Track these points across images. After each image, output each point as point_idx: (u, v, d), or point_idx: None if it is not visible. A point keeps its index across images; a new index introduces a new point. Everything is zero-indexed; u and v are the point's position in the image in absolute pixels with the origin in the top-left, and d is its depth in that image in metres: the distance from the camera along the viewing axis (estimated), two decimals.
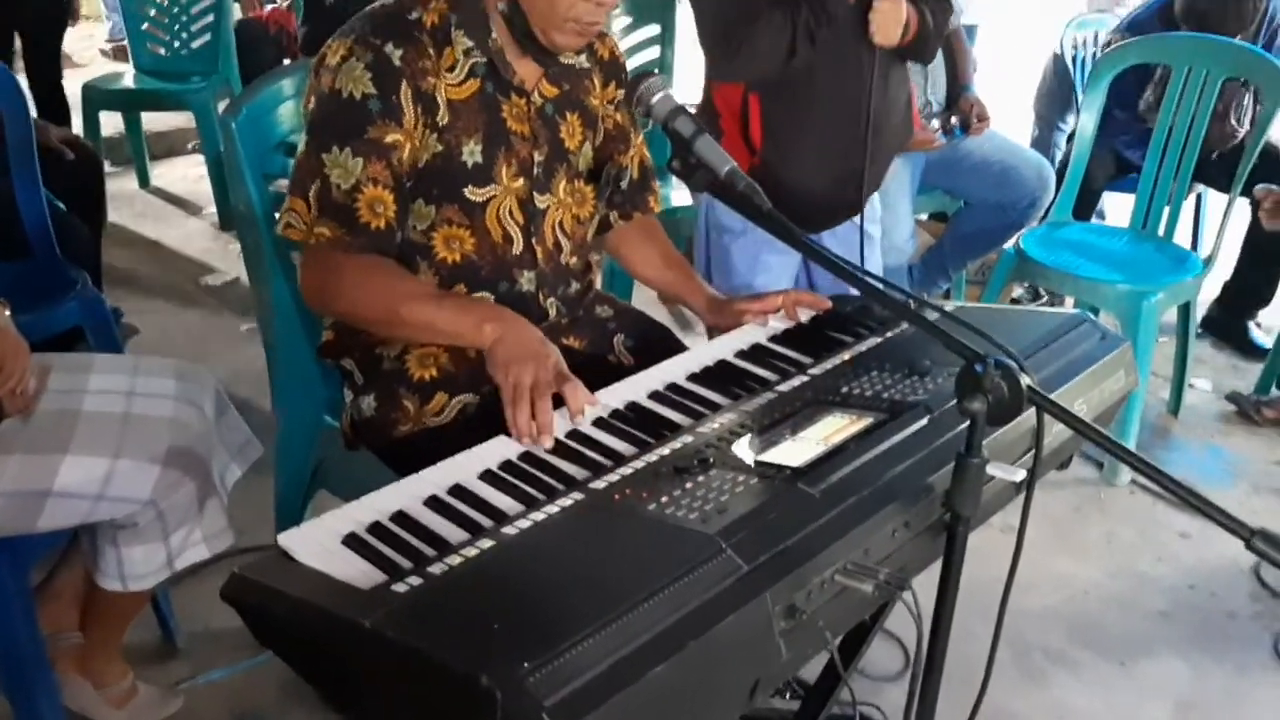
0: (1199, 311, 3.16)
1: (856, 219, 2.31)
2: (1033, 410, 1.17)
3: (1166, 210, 2.95)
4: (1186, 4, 3.17)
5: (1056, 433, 1.41)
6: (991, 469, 1.24)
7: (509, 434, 1.33)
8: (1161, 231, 2.96)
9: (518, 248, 1.61)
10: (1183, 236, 3.23)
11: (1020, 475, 1.25)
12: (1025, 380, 1.19)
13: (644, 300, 2.64)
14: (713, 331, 1.80)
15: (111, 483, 1.60)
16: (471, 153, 1.54)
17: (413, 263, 1.58)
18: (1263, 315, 3.54)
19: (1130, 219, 3.01)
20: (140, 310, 3.44)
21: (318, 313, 1.70)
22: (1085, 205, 3.29)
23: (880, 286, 1.34)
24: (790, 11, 2.04)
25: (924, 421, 1.32)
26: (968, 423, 1.17)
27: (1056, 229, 3.01)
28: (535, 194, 1.60)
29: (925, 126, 2.97)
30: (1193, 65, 2.87)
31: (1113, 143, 3.32)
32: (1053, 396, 1.39)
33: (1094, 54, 3.71)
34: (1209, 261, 2.84)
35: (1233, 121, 3.17)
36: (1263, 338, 3.47)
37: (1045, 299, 3.53)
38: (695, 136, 1.40)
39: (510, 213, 1.59)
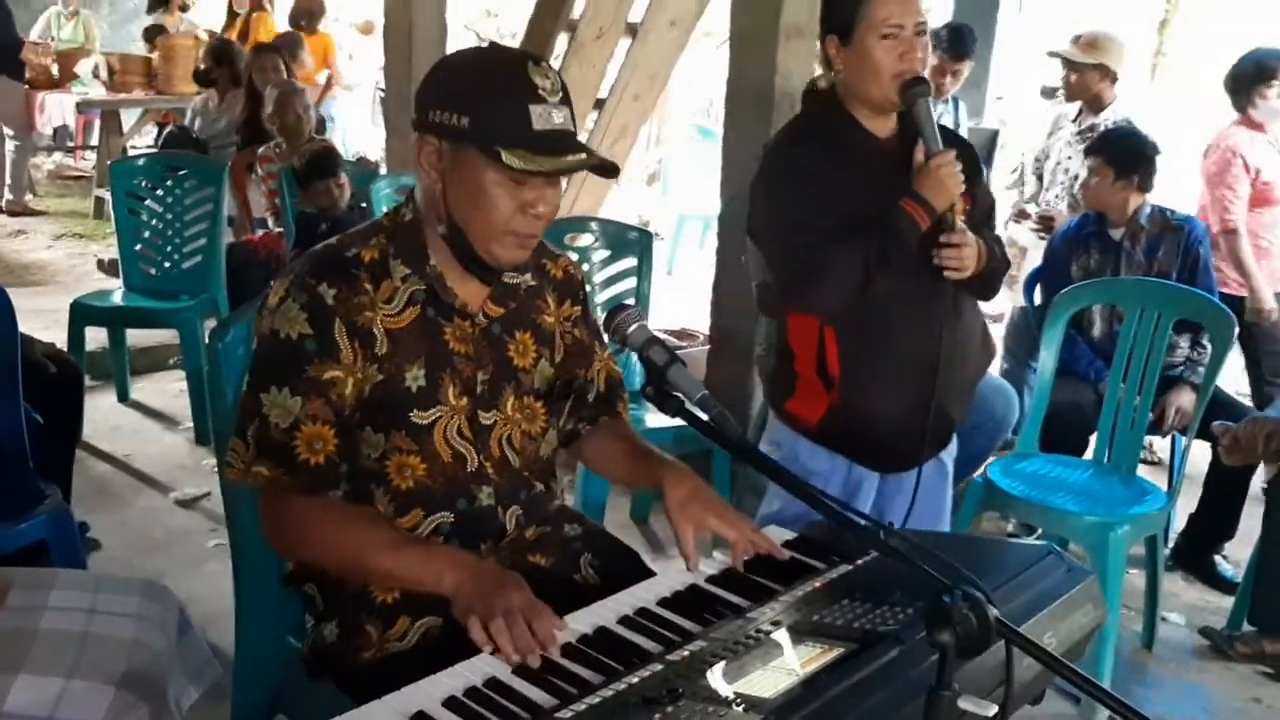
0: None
1: (942, 455, 2.33)
2: (1004, 643, 1.18)
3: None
4: None
5: (1027, 666, 1.40)
6: (963, 703, 1.23)
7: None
8: (1105, 458, 3.04)
9: (471, 465, 1.63)
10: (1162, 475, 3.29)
11: (992, 710, 1.24)
12: (993, 612, 1.21)
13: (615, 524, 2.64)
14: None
15: (63, 704, 1.55)
16: (415, 378, 1.58)
17: (368, 490, 1.60)
18: (1229, 548, 3.57)
19: (1094, 452, 3.08)
20: (108, 524, 3.41)
21: (280, 553, 1.69)
22: (1076, 441, 3.34)
23: (850, 515, 1.37)
24: (864, 243, 2.08)
25: (895, 653, 1.32)
26: (937, 655, 1.18)
27: (1020, 460, 3.07)
28: (480, 411, 1.63)
29: None
30: (1145, 307, 3.01)
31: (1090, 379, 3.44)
32: (1021, 629, 1.41)
33: None
34: (1172, 495, 2.89)
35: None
36: (1230, 570, 3.49)
37: (1039, 532, 3.54)
38: (668, 365, 1.46)
39: (459, 431, 1.61)
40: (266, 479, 1.52)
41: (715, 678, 1.27)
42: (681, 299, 5.51)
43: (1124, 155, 3.52)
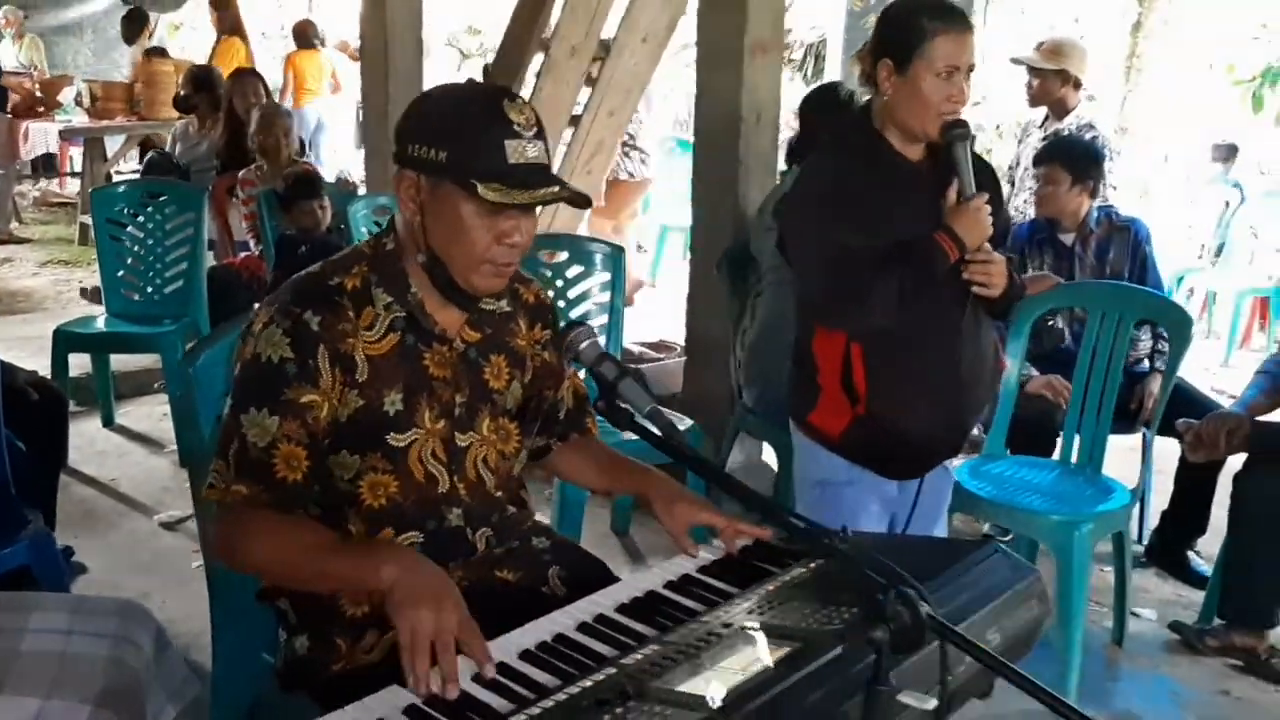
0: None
1: (947, 462, 2.43)
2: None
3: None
4: None
5: (971, 662, 1.45)
6: (904, 697, 1.28)
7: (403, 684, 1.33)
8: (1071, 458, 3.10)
9: (443, 486, 1.68)
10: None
11: (931, 704, 1.30)
12: (925, 609, 1.26)
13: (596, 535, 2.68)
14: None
15: None
16: (393, 402, 1.63)
17: (341, 513, 1.65)
18: (1202, 544, 3.62)
19: (1060, 452, 3.14)
20: (94, 547, 3.45)
21: (230, 569, 1.73)
22: (1044, 443, 3.39)
23: (791, 518, 1.42)
24: (899, 270, 2.15)
25: (838, 650, 1.36)
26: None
27: (988, 462, 3.13)
28: (456, 433, 1.69)
29: None
30: (1106, 310, 3.07)
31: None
32: (963, 626, 1.47)
33: None
34: (1135, 493, 2.95)
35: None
36: (1203, 565, 3.54)
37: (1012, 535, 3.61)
38: (619, 379, 1.51)
39: (433, 453, 1.66)
40: (245, 497, 1.56)
41: (665, 679, 1.32)
42: (664, 310, 5.58)
43: (1079, 161, 3.59)
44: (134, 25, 9.09)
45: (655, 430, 1.48)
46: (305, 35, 9.04)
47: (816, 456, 2.35)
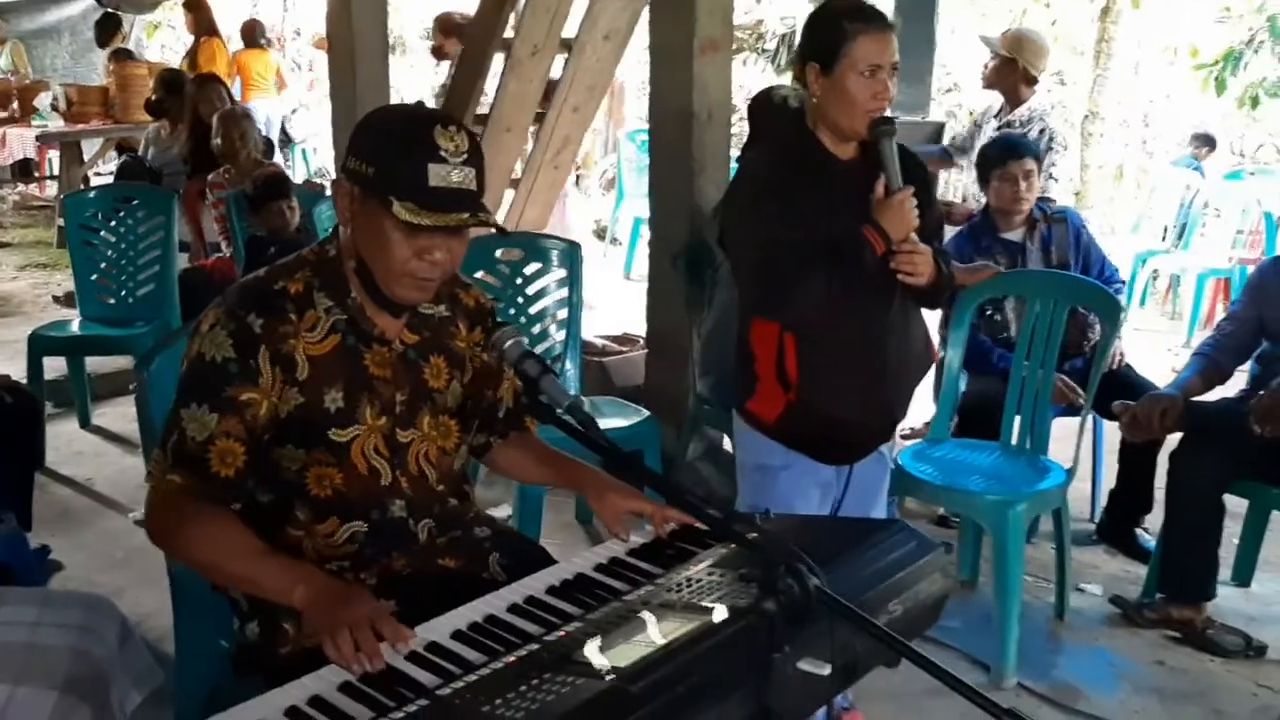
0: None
1: (882, 448, 2.52)
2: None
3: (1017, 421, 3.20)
4: None
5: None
6: (802, 664, 1.40)
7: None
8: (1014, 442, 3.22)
9: (385, 479, 1.78)
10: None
11: (826, 669, 1.41)
12: (814, 582, 1.37)
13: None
14: None
15: (10, 709, 1.70)
16: (334, 400, 1.73)
17: (289, 504, 1.75)
18: (1149, 520, 3.74)
19: (1002, 435, 3.25)
20: (70, 545, 3.54)
21: (161, 549, 1.79)
22: (986, 425, 3.48)
23: (697, 503, 1.53)
24: (827, 263, 2.24)
25: (743, 623, 1.47)
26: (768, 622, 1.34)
27: (933, 446, 3.24)
28: (398, 430, 1.79)
29: None
30: (1041, 297, 3.19)
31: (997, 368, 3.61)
32: (864, 598, 1.58)
33: None
34: (1071, 473, 3.06)
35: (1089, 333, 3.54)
36: (1150, 541, 3.64)
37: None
38: (541, 376, 1.61)
39: (375, 449, 1.77)
40: (179, 486, 1.66)
41: (583, 653, 1.43)
42: (640, 302, 5.66)
43: (1038, 153, 3.71)
44: (107, 29, 9.15)
45: (575, 424, 1.58)
46: (251, 34, 9.30)
47: (755, 442, 2.45)
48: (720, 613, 1.50)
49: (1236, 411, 3.11)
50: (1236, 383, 3.42)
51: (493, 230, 1.73)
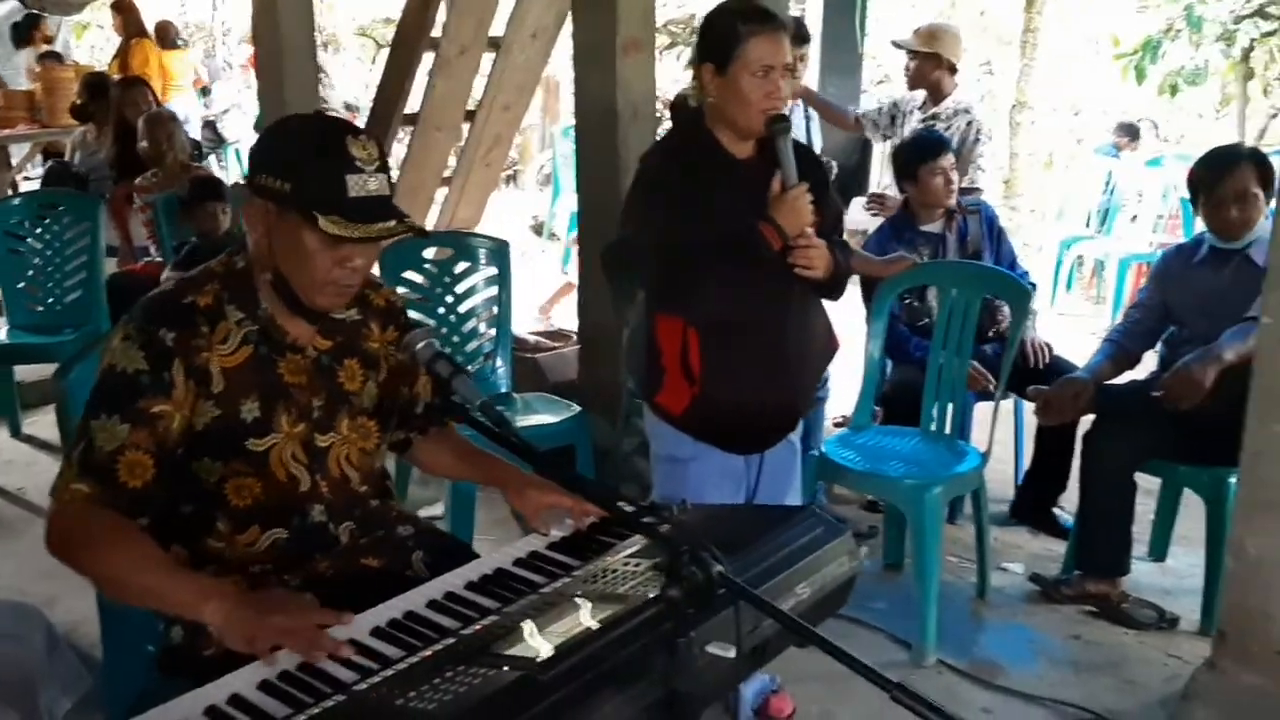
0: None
1: (791, 437, 2.57)
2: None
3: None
4: None
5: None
6: (711, 648, 1.46)
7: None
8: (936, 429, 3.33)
9: (304, 485, 1.81)
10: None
11: (731, 651, 1.47)
12: (716, 569, 1.43)
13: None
14: None
15: None
16: (250, 410, 1.75)
17: (210, 515, 1.77)
18: (1066, 500, 3.86)
19: (921, 421, 3.35)
20: (1, 555, 3.51)
21: (62, 561, 1.75)
22: (909, 412, 3.56)
23: (607, 496, 1.59)
24: (723, 258, 2.29)
25: (653, 611, 1.53)
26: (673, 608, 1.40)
27: (857, 433, 3.33)
28: (317, 435, 1.82)
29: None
30: (956, 287, 3.29)
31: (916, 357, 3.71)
32: (772, 583, 1.64)
33: None
34: (986, 456, 3.17)
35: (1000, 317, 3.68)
36: (1068, 519, 3.77)
37: None
38: (453, 376, 1.65)
39: (293, 456, 1.80)
40: (85, 495, 1.66)
41: (499, 645, 1.48)
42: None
43: (955, 149, 3.82)
44: (21, 30, 9.02)
45: (488, 424, 1.62)
46: (166, 35, 9.31)
47: (665, 434, 2.51)
48: (630, 601, 1.56)
49: (1146, 393, 3.24)
50: (1149, 366, 3.54)
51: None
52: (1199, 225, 3.34)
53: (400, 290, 3.51)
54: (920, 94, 4.77)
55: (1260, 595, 2.51)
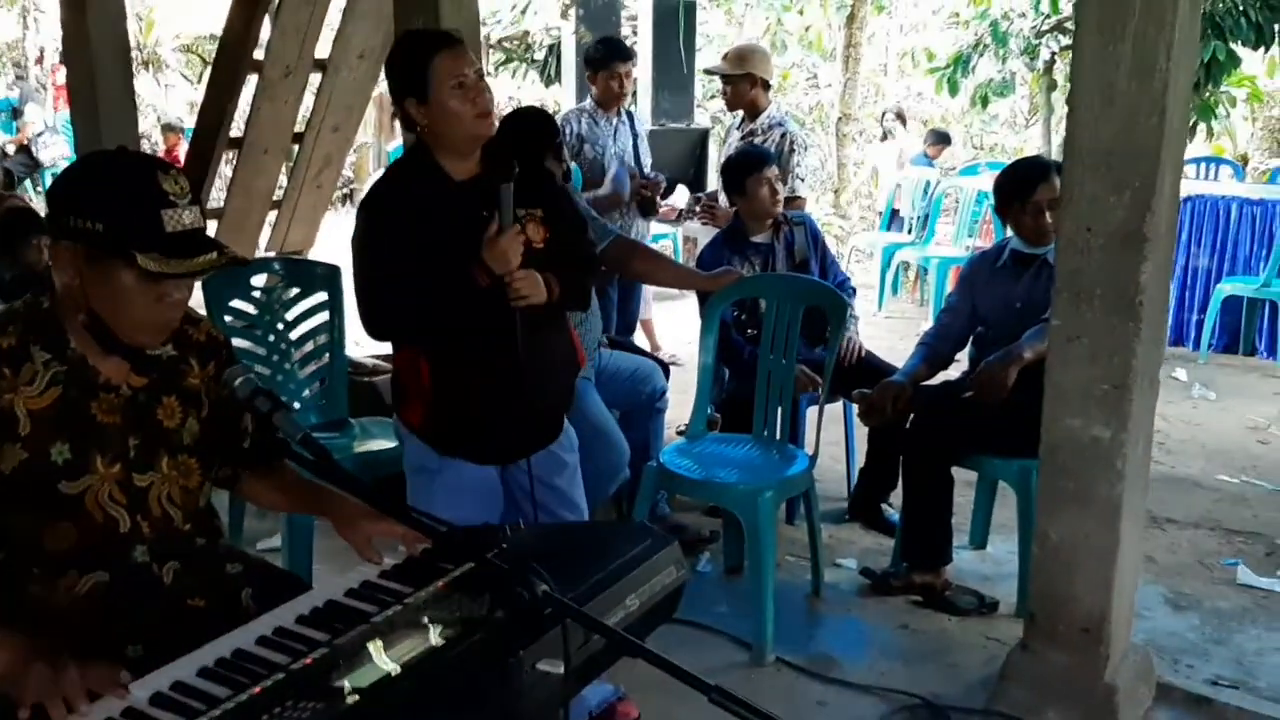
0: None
1: (555, 449, 2.59)
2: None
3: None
4: None
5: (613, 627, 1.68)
6: (541, 665, 1.50)
7: None
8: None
9: (124, 526, 1.77)
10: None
11: (560, 668, 1.52)
12: (541, 588, 1.48)
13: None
14: None
15: None
16: (60, 452, 1.71)
17: (26, 560, 1.72)
18: (894, 497, 4.04)
19: (753, 427, 3.47)
20: None
21: None
22: (745, 418, 3.66)
23: (430, 524, 1.61)
24: (432, 293, 2.33)
25: (482, 633, 1.56)
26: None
27: (692, 443, 3.43)
28: (134, 475, 1.78)
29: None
30: (780, 298, 3.43)
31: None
32: (601, 597, 1.69)
33: None
34: (814, 458, 3.30)
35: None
36: (895, 515, 3.95)
37: None
38: (273, 411, 1.66)
39: (110, 496, 1.75)
40: None
41: (328, 678, 1.48)
42: None
43: (779, 161, 3.97)
44: None
45: (309, 456, 1.63)
46: None
47: (412, 446, 2.56)
48: (459, 626, 1.59)
49: (958, 392, 3.44)
50: (962, 366, 3.75)
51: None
52: (1009, 230, 3.56)
53: (228, 319, 3.44)
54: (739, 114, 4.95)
55: (1064, 579, 2.70)
